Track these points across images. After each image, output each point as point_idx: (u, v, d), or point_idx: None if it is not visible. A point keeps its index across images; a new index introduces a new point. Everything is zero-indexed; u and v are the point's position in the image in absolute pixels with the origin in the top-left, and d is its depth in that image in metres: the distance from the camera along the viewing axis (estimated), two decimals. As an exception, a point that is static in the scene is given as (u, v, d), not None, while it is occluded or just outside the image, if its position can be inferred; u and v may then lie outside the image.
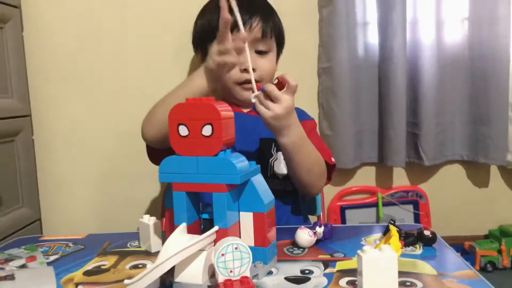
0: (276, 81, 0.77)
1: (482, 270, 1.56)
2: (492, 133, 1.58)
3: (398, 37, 1.52)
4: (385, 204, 1.66)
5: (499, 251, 1.58)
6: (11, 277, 0.56)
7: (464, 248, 1.64)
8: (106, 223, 1.38)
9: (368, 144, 1.66)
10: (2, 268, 0.60)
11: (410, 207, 1.68)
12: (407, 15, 1.54)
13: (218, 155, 0.56)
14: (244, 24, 0.88)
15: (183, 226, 0.57)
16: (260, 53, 0.97)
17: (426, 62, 1.57)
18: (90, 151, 1.42)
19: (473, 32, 1.58)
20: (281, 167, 0.91)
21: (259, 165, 0.61)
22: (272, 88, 0.76)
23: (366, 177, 1.67)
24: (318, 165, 0.89)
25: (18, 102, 1.19)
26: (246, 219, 0.58)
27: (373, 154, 1.67)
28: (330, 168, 0.94)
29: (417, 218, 1.66)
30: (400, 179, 1.71)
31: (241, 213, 0.58)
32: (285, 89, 0.77)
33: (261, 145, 0.93)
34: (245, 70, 0.92)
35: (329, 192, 1.64)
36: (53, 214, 1.39)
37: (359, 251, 0.46)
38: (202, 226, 0.60)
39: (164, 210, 0.72)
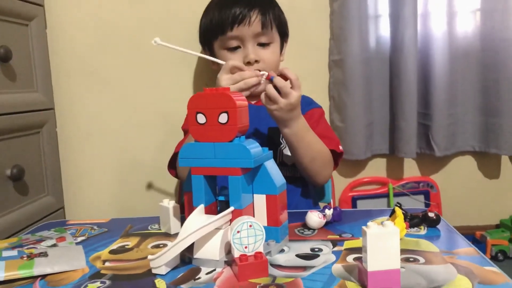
0: (278, 75, 0.81)
1: (493, 259, 1.58)
2: (503, 124, 1.59)
3: (409, 29, 1.54)
4: (396, 195, 1.68)
5: (510, 240, 1.60)
6: (44, 254, 0.61)
7: (475, 237, 1.65)
8: (125, 211, 1.43)
9: (379, 136, 1.68)
10: (35, 247, 0.65)
11: (421, 198, 1.70)
12: (418, 7, 1.55)
13: (233, 141, 0.60)
14: (243, 18, 0.97)
15: (201, 207, 0.61)
16: (262, 45, 1.00)
17: (437, 53, 1.58)
18: (110, 142, 1.47)
19: (485, 23, 1.58)
20: (289, 155, 0.95)
21: (271, 151, 0.65)
22: (283, 84, 0.80)
23: (377, 168, 1.69)
24: (322, 154, 0.92)
25: (43, 96, 1.24)
26: (260, 201, 0.62)
27: (384, 146, 1.69)
28: (338, 155, 0.97)
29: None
30: (411, 170, 1.72)
31: (255, 195, 0.62)
32: (289, 83, 0.81)
33: (270, 134, 0.97)
34: (249, 63, 0.96)
35: (341, 183, 1.67)
36: (75, 202, 1.45)
37: (363, 227, 0.49)
38: (218, 208, 0.64)
39: (180, 196, 0.76)
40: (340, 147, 1.00)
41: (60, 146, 1.38)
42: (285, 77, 0.82)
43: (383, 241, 0.48)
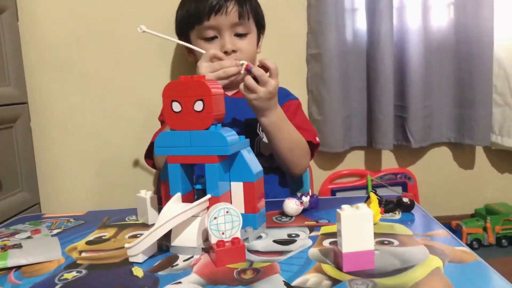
0: (258, 65, 0.82)
1: (468, 247, 1.62)
2: (477, 115, 1.63)
3: (385, 23, 1.56)
4: (375, 186, 1.71)
5: (485, 229, 1.64)
6: (18, 246, 0.60)
7: (451, 226, 1.69)
8: (103, 206, 1.41)
9: (357, 128, 1.70)
10: (9, 240, 0.64)
11: (399, 189, 1.73)
12: (394, 1, 1.58)
13: (210, 128, 0.60)
14: (219, 8, 0.97)
15: (177, 196, 0.61)
16: (239, 35, 1.01)
17: (413, 46, 1.61)
18: (86, 137, 1.45)
19: (458, 16, 1.62)
20: (266, 145, 0.96)
21: (248, 139, 0.65)
22: (261, 73, 0.81)
23: (355, 160, 1.71)
24: (299, 144, 0.93)
25: (16, 90, 1.22)
26: (237, 188, 0.63)
27: (362, 138, 1.71)
28: (314, 147, 0.98)
29: (406, 199, 1.71)
30: (389, 162, 1.75)
31: (232, 183, 0.63)
32: (268, 73, 0.82)
33: (247, 125, 0.98)
34: (226, 53, 0.96)
35: (320, 176, 1.68)
36: (52, 198, 1.43)
37: (338, 210, 0.50)
38: (195, 196, 0.64)
39: (158, 188, 0.76)
40: (317, 139, 1.01)
41: (35, 141, 1.36)
42: (265, 68, 0.82)
43: (357, 223, 0.49)
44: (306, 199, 0.71)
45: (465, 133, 1.66)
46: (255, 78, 0.81)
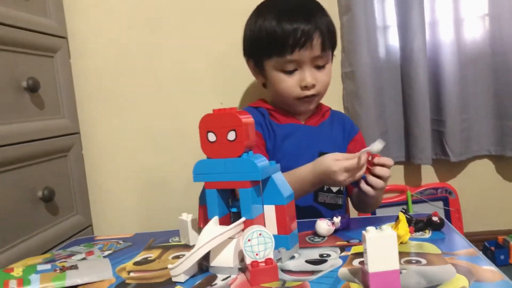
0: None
1: (516, 263, 1.57)
2: (518, 126, 1.59)
3: (418, 38, 1.57)
4: (415, 202, 1.69)
5: (534, 244, 1.59)
6: (75, 267, 0.67)
7: (497, 242, 1.64)
8: (148, 226, 1.49)
9: (394, 144, 1.70)
10: (66, 261, 0.71)
11: (440, 204, 1.70)
12: (425, 16, 1.59)
13: (242, 156, 0.64)
14: (304, 43, 0.91)
15: (215, 219, 0.66)
16: (318, 67, 0.98)
17: (447, 60, 1.60)
18: (133, 164, 1.55)
19: (494, 27, 1.60)
20: None
21: (279, 164, 0.69)
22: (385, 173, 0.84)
23: (394, 176, 1.70)
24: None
25: (69, 122, 1.32)
26: (269, 211, 0.67)
27: (400, 153, 1.71)
28: None
29: (447, 215, 1.68)
30: (429, 176, 1.73)
31: (264, 206, 0.67)
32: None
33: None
34: (305, 87, 0.96)
35: (359, 192, 1.68)
36: (102, 220, 1.52)
37: (363, 231, 0.53)
38: (232, 219, 0.69)
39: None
40: None
41: (86, 168, 1.46)
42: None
43: (381, 244, 0.52)
44: (337, 219, 0.74)
45: (506, 145, 1.62)
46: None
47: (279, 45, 0.93)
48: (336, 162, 0.80)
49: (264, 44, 0.96)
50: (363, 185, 0.82)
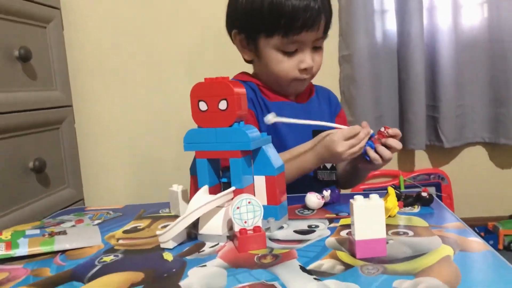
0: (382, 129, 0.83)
1: (506, 249, 1.58)
2: (513, 114, 1.60)
3: (415, 23, 1.57)
4: (407, 187, 1.71)
5: (522, 231, 1.61)
6: (64, 232, 0.67)
7: (487, 228, 1.66)
8: (140, 200, 1.50)
9: (389, 129, 1.70)
10: (55, 228, 0.71)
11: (433, 190, 1.72)
12: (424, 1, 1.58)
13: (233, 126, 0.64)
14: (312, 24, 0.85)
15: (205, 188, 0.66)
16: (315, 48, 0.93)
17: (444, 46, 1.60)
18: (126, 138, 1.55)
19: (492, 14, 1.60)
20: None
21: (270, 136, 0.69)
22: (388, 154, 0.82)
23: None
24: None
25: (61, 94, 1.32)
26: (259, 182, 0.67)
27: (394, 138, 1.71)
28: None
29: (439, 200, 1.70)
30: (422, 162, 1.74)
31: (255, 176, 0.67)
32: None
33: (314, 136, 0.92)
34: (304, 70, 0.91)
35: (352, 176, 1.69)
36: (94, 193, 1.53)
37: (351, 200, 0.53)
38: (222, 189, 0.69)
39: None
40: None
41: (79, 141, 1.46)
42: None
43: (369, 212, 0.52)
44: (327, 193, 0.74)
45: (501, 133, 1.63)
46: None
47: (287, 23, 0.86)
48: (335, 132, 0.80)
49: (267, 21, 0.87)
50: (371, 152, 0.81)
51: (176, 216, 0.77)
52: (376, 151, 0.81)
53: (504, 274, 0.46)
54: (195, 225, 0.64)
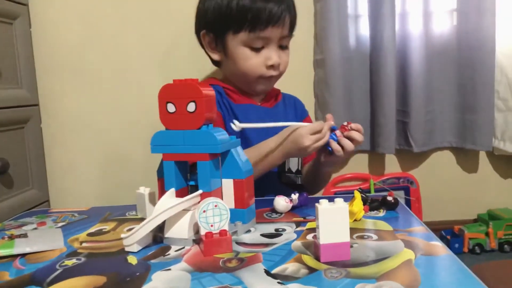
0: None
1: (471, 252, 1.63)
2: (479, 120, 1.65)
3: (388, 29, 1.59)
4: (377, 190, 1.73)
5: (487, 234, 1.65)
6: (24, 235, 0.65)
7: (453, 231, 1.70)
8: (108, 203, 1.48)
9: (360, 132, 1.73)
10: (16, 230, 0.69)
11: (402, 193, 1.75)
12: (396, 7, 1.61)
13: (201, 128, 0.64)
14: (278, 20, 0.90)
15: (171, 191, 0.65)
16: (282, 47, 0.96)
17: (415, 52, 1.64)
18: (93, 138, 1.51)
19: (461, 22, 1.64)
20: (294, 163, 0.97)
21: (239, 139, 0.69)
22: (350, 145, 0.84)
23: (359, 164, 1.74)
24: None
25: (27, 92, 1.28)
26: (227, 185, 0.66)
27: (365, 142, 1.74)
28: None
29: (408, 204, 1.73)
30: (392, 166, 1.77)
31: (223, 179, 0.67)
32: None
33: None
34: (271, 67, 0.94)
35: (323, 179, 1.70)
36: (60, 195, 1.49)
37: (316, 204, 0.54)
38: (189, 192, 0.68)
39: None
40: None
41: (45, 141, 1.42)
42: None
43: (333, 216, 0.53)
44: (295, 196, 0.74)
45: (467, 138, 1.68)
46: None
47: (253, 19, 0.90)
48: (302, 127, 0.82)
49: (235, 17, 0.92)
50: (334, 144, 0.83)
51: (143, 219, 0.76)
52: (339, 143, 0.84)
53: (462, 278, 0.48)
54: (161, 228, 0.63)
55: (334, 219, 0.53)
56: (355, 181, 1.77)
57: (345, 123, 0.86)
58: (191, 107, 0.63)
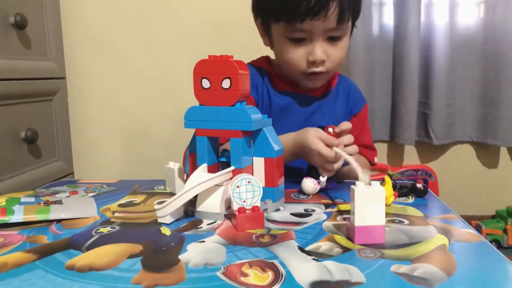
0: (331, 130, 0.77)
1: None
2: (502, 115, 1.63)
3: (412, 18, 1.58)
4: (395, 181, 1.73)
5: (505, 231, 1.64)
6: (59, 202, 0.66)
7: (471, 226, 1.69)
8: (130, 177, 1.50)
9: (380, 122, 1.72)
10: (51, 197, 0.70)
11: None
12: (422, -3, 1.59)
13: (235, 105, 0.64)
14: (318, 12, 0.78)
15: (204, 166, 0.66)
16: (331, 38, 0.84)
17: (439, 43, 1.62)
18: (118, 113, 1.53)
19: (488, 15, 1.62)
20: None
21: (270, 118, 0.69)
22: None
23: (378, 154, 1.73)
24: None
25: (55, 65, 1.29)
26: (258, 163, 0.67)
27: (385, 132, 1.73)
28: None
29: (425, 195, 1.72)
30: (411, 158, 1.77)
31: (254, 158, 0.67)
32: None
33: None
34: (313, 63, 0.84)
35: (341, 167, 1.71)
36: (84, 168, 1.51)
37: (352, 186, 0.54)
38: (220, 169, 0.69)
39: (185, 164, 0.79)
40: (376, 159, 0.98)
41: (71, 115, 1.44)
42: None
43: (369, 199, 0.53)
44: (323, 179, 0.74)
45: (489, 133, 1.66)
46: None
47: (288, 10, 0.80)
48: (316, 142, 0.73)
49: (272, 5, 0.83)
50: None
51: (172, 193, 0.77)
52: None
53: (499, 265, 0.48)
54: (192, 202, 0.64)
55: (370, 202, 0.53)
56: (372, 171, 1.76)
57: (331, 130, 0.76)
58: (226, 83, 0.63)
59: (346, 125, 0.76)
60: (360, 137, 0.93)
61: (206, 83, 0.65)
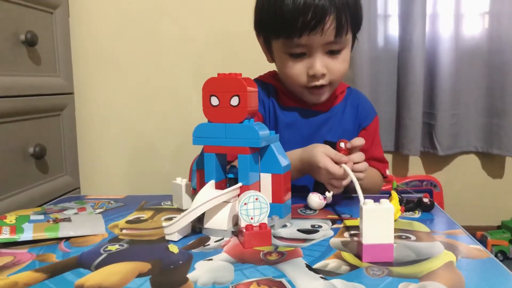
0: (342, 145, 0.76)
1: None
2: (507, 125, 1.63)
3: (417, 30, 1.59)
4: (400, 192, 1.72)
5: (510, 241, 1.63)
6: (68, 219, 0.67)
7: (476, 237, 1.69)
8: (136, 192, 1.50)
9: (385, 133, 1.72)
10: (59, 214, 0.71)
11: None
12: (427, 8, 1.60)
13: (243, 122, 0.65)
14: (314, 27, 0.78)
15: (211, 183, 0.66)
16: (331, 52, 0.83)
17: (444, 54, 1.63)
18: (125, 127, 1.54)
19: (492, 26, 1.63)
20: None
21: (277, 134, 0.70)
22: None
23: (383, 165, 1.73)
24: (377, 185, 0.92)
25: (64, 81, 1.31)
26: (266, 179, 0.67)
27: (390, 143, 1.74)
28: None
29: (430, 206, 1.72)
30: (416, 168, 1.76)
31: (261, 174, 0.68)
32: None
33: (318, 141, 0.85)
34: (314, 77, 0.84)
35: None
36: (90, 183, 1.52)
37: (361, 203, 0.54)
38: (227, 185, 0.69)
39: (191, 179, 0.79)
40: (388, 172, 0.96)
41: (78, 130, 1.45)
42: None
43: (378, 217, 0.53)
44: (329, 194, 0.75)
45: (494, 143, 1.66)
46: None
47: (286, 26, 0.80)
48: (324, 159, 0.73)
49: (271, 22, 0.83)
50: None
51: (179, 209, 0.77)
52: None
53: (506, 282, 0.48)
54: (199, 219, 0.64)
55: (379, 220, 0.53)
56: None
57: (342, 144, 0.76)
58: (234, 101, 0.64)
59: (358, 141, 0.76)
60: (371, 150, 0.94)
61: (215, 101, 0.65)
